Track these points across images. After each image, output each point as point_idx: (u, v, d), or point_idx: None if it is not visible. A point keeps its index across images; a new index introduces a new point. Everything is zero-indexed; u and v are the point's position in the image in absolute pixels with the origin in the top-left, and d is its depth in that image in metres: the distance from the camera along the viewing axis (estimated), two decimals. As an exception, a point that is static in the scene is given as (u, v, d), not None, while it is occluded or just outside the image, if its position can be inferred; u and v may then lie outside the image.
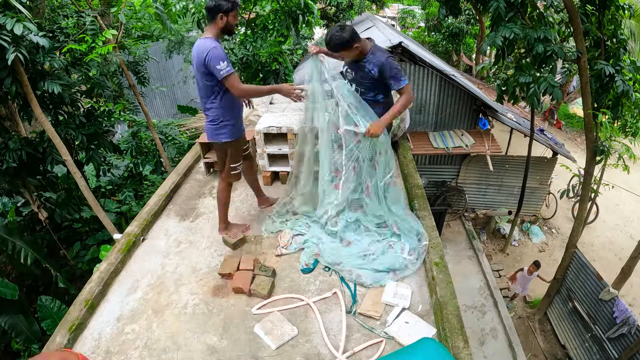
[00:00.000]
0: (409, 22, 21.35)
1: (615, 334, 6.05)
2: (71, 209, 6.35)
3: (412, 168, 4.54)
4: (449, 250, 9.01)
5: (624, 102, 5.67)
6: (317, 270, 3.29)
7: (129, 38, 7.47)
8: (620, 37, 5.58)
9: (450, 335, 2.53)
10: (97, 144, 6.00)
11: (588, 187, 6.57)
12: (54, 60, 5.01)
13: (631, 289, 8.18)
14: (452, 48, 16.59)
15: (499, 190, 9.94)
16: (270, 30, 7.22)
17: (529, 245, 9.93)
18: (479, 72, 12.25)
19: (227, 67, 2.88)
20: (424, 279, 3.14)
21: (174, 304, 3.02)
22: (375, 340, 2.65)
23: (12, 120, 6.21)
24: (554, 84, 4.95)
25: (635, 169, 7.32)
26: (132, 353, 2.65)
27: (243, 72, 7.50)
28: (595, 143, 6.00)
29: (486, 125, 9.24)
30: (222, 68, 2.85)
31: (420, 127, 9.39)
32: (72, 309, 2.91)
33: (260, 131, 4.27)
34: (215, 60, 2.84)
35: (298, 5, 6.59)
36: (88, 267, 6.38)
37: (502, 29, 4.73)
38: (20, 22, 4.03)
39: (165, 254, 3.53)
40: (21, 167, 5.43)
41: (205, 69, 2.92)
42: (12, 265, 6.21)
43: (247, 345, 2.68)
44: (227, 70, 2.88)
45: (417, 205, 3.82)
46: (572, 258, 7.04)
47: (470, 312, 7.58)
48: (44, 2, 6.38)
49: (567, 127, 15.45)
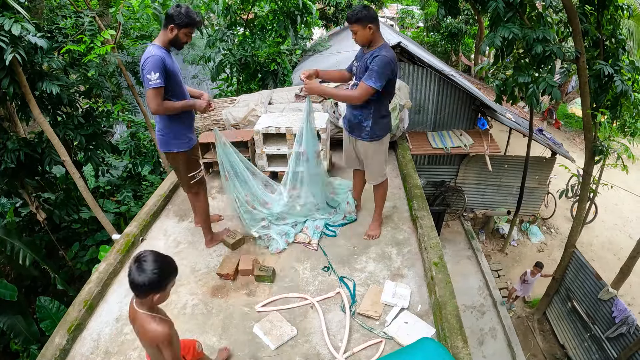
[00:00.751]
0: (408, 22, 21.33)
1: (614, 334, 6.05)
2: (70, 209, 6.35)
3: (411, 168, 4.55)
4: (448, 250, 9.01)
5: (623, 102, 5.67)
6: (316, 270, 3.29)
7: (127, 38, 7.46)
8: (619, 37, 5.58)
9: (450, 335, 2.53)
10: (95, 145, 5.99)
11: (587, 187, 6.57)
12: (52, 60, 5.01)
13: (630, 288, 8.19)
14: (450, 48, 16.59)
15: (498, 190, 9.95)
16: (268, 30, 7.22)
17: (527, 245, 9.94)
18: (477, 72, 12.26)
19: (157, 80, 2.73)
20: (423, 279, 3.14)
21: (173, 304, 3.02)
22: (374, 340, 2.65)
23: (11, 121, 6.20)
24: (552, 84, 4.95)
25: (634, 168, 7.33)
26: (131, 354, 2.65)
27: (242, 72, 7.49)
28: (594, 143, 6.01)
29: (485, 125, 9.24)
30: (151, 78, 2.72)
31: (419, 127, 9.40)
32: (71, 309, 2.91)
33: (259, 131, 4.27)
34: (148, 68, 2.72)
35: (297, 6, 6.59)
36: (87, 267, 6.37)
37: (501, 29, 4.73)
38: (18, 23, 4.02)
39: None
40: (20, 167, 5.43)
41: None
42: (11, 266, 6.21)
43: (247, 345, 2.67)
44: (157, 83, 2.73)
45: (415, 205, 3.82)
46: (571, 258, 7.04)
47: (470, 312, 7.58)
48: (42, 3, 6.37)
49: (566, 127, 15.47)
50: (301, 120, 3.53)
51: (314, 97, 5.11)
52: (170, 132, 3.06)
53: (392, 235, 3.66)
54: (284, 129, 4.23)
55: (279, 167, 4.48)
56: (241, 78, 7.72)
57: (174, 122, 3.04)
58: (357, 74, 3.21)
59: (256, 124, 4.39)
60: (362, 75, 3.08)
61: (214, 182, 4.62)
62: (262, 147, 4.34)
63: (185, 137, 3.13)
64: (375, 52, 3.02)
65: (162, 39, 2.88)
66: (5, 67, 4.36)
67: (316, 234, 3.66)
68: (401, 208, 4.03)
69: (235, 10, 6.72)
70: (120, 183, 7.68)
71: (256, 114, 4.99)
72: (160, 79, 2.76)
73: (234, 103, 5.39)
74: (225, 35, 7.04)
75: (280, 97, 5.28)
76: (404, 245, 3.53)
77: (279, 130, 4.25)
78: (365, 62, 3.06)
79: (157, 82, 2.75)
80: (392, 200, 4.14)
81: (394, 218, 3.89)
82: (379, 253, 3.45)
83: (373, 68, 2.96)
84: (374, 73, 2.96)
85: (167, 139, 3.08)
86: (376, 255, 3.42)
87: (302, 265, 3.36)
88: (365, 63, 3.05)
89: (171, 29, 2.83)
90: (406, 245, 3.53)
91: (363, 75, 3.06)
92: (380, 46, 3.06)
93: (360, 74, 3.13)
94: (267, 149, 4.36)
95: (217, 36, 7.00)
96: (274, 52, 7.15)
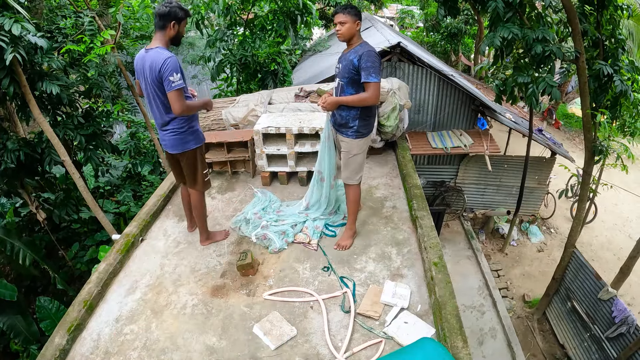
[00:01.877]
0: (408, 22, 21.32)
1: (614, 334, 6.05)
2: (70, 209, 6.35)
3: (411, 168, 4.55)
4: (447, 250, 9.01)
5: (623, 102, 5.67)
6: (316, 270, 3.30)
7: (127, 38, 7.46)
8: (618, 37, 5.58)
9: (449, 335, 2.53)
10: (95, 145, 5.99)
11: (586, 187, 6.57)
12: (52, 60, 5.01)
13: (630, 288, 8.19)
14: (450, 48, 16.58)
15: (498, 190, 9.95)
16: (268, 30, 7.22)
17: (527, 245, 9.94)
18: (477, 72, 12.27)
19: (180, 81, 2.79)
20: (423, 279, 3.14)
21: (173, 304, 3.02)
22: (374, 340, 2.65)
23: (11, 121, 6.21)
24: (552, 84, 4.95)
25: (633, 168, 7.34)
26: (131, 354, 2.65)
27: (242, 72, 7.49)
28: (593, 143, 6.01)
29: (485, 125, 9.24)
30: (174, 80, 2.76)
31: (419, 127, 9.40)
32: (70, 309, 2.90)
33: (259, 131, 4.27)
34: (170, 70, 2.74)
35: (296, 6, 6.58)
36: (87, 267, 6.37)
37: (501, 29, 4.73)
38: (18, 23, 4.02)
39: (164, 255, 3.53)
40: (19, 167, 5.43)
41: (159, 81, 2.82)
42: (11, 266, 6.21)
43: (246, 345, 2.68)
44: (180, 84, 2.79)
45: (415, 205, 3.82)
46: (571, 258, 7.05)
47: (469, 312, 7.58)
48: (42, 2, 6.37)
49: (566, 127, 15.48)
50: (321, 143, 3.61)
51: (314, 98, 5.12)
52: (188, 128, 3.10)
53: (392, 235, 3.66)
54: (284, 129, 4.24)
55: (278, 167, 4.49)
56: (241, 78, 7.72)
57: (190, 118, 3.10)
58: (340, 74, 3.22)
59: (256, 124, 4.39)
60: (346, 74, 3.11)
61: (214, 182, 4.62)
62: (261, 147, 4.34)
63: (199, 131, 3.22)
64: (359, 49, 3.06)
65: (163, 40, 2.89)
66: (5, 66, 4.36)
67: (316, 234, 3.66)
68: (401, 208, 4.04)
69: (235, 10, 6.72)
70: (120, 183, 7.68)
71: (256, 114, 4.99)
72: (181, 79, 2.81)
73: (233, 103, 5.40)
74: (225, 35, 7.03)
75: (280, 97, 5.28)
76: (404, 245, 3.53)
77: (278, 130, 4.26)
78: (350, 61, 3.06)
79: (180, 82, 2.79)
80: (392, 200, 4.14)
81: (393, 218, 3.89)
82: (378, 253, 3.45)
83: (367, 65, 2.98)
84: (370, 69, 2.98)
85: (184, 136, 3.09)
86: (376, 255, 3.43)
87: (302, 265, 3.36)
88: (351, 62, 3.06)
89: (173, 25, 2.86)
90: (406, 245, 3.53)
91: (347, 74, 3.10)
92: (361, 43, 3.12)
93: (345, 74, 3.13)
94: (266, 149, 4.37)
95: (217, 36, 6.99)
96: (274, 52, 7.15)
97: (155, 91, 2.89)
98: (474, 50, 16.32)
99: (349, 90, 3.19)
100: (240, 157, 4.60)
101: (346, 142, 3.35)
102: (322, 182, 3.77)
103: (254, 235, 3.65)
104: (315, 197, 3.90)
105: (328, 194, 3.83)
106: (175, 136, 3.08)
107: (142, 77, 2.92)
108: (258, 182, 4.59)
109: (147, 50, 2.87)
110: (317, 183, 3.79)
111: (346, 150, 3.39)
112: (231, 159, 4.62)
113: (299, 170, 4.47)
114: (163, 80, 2.78)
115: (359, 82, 3.09)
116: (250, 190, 4.40)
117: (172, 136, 3.09)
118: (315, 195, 3.89)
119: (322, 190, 3.82)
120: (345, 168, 3.43)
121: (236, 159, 4.62)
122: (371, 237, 3.66)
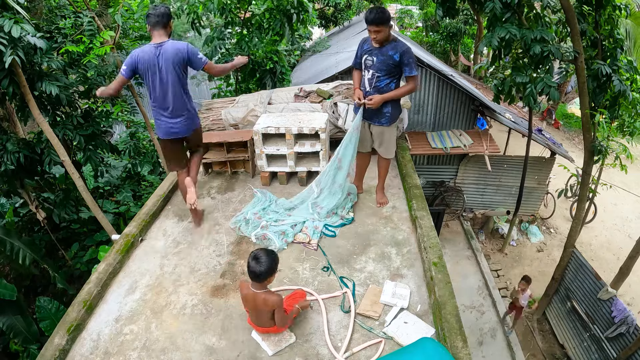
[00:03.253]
0: (407, 22, 21.34)
1: (613, 334, 6.06)
2: (69, 209, 6.35)
3: (411, 168, 4.55)
4: (447, 250, 9.02)
5: (621, 102, 5.68)
6: (315, 270, 3.30)
7: (126, 38, 7.45)
8: (616, 36, 5.59)
9: (449, 335, 2.54)
10: (95, 145, 5.99)
11: (586, 187, 6.58)
12: (51, 61, 5.01)
13: (629, 288, 8.19)
14: (449, 48, 16.60)
15: (497, 190, 9.96)
16: (265, 29, 7.22)
17: (527, 245, 9.94)
18: (476, 72, 12.27)
19: (204, 57, 3.36)
20: (423, 279, 3.15)
21: (173, 304, 3.02)
22: (374, 340, 2.65)
23: (10, 121, 6.21)
24: (550, 84, 4.96)
25: (633, 168, 7.35)
26: (130, 354, 2.65)
27: (240, 71, 7.49)
28: (593, 143, 6.01)
29: (484, 126, 9.25)
30: (202, 57, 3.31)
31: (419, 127, 9.41)
32: (70, 309, 2.91)
33: (258, 131, 4.27)
34: (195, 52, 3.26)
35: (292, 4, 6.57)
36: (86, 267, 6.37)
37: (499, 29, 4.73)
38: (17, 24, 4.02)
39: (164, 255, 3.53)
40: (19, 168, 5.42)
41: (184, 65, 3.26)
42: (11, 266, 6.21)
43: (246, 345, 2.68)
44: (206, 58, 3.36)
45: (415, 205, 3.82)
46: (571, 258, 7.05)
47: (469, 312, 7.59)
48: (41, 3, 6.36)
49: (565, 127, 15.48)
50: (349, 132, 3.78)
51: (314, 98, 5.12)
52: (193, 109, 3.54)
53: (392, 235, 3.67)
54: (284, 129, 4.24)
55: (278, 167, 4.49)
56: (240, 77, 7.72)
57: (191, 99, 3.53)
58: (375, 66, 3.51)
59: (255, 124, 4.39)
60: (384, 67, 3.46)
61: (214, 182, 4.63)
62: (261, 147, 4.34)
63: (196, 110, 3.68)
64: (396, 45, 3.42)
65: (166, 35, 3.26)
66: (5, 67, 4.35)
67: (316, 234, 3.66)
68: (400, 208, 4.04)
69: (232, 9, 6.72)
70: (119, 183, 7.68)
71: (255, 114, 4.99)
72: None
73: (233, 103, 5.40)
74: (222, 34, 7.04)
75: (279, 97, 5.29)
76: (404, 245, 3.53)
77: (278, 130, 4.25)
78: (390, 56, 3.43)
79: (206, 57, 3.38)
80: (391, 200, 4.14)
81: (393, 218, 3.89)
82: (378, 253, 3.45)
83: (409, 61, 3.43)
84: (412, 64, 3.45)
85: (193, 114, 3.55)
86: (375, 255, 3.43)
87: (301, 265, 3.36)
88: (391, 57, 3.43)
89: (170, 22, 3.30)
90: (406, 245, 3.53)
91: (386, 67, 3.45)
92: (395, 40, 3.46)
93: (384, 67, 3.47)
94: (266, 149, 4.37)
95: (214, 35, 7.00)
96: (271, 51, 7.15)
97: (177, 76, 3.25)
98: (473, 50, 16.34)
99: (384, 81, 3.54)
100: (239, 157, 4.60)
101: (381, 129, 3.76)
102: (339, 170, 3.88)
103: (253, 235, 3.65)
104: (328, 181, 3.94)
105: (343, 183, 3.88)
106: (186, 118, 3.48)
107: (156, 69, 3.21)
108: (258, 182, 4.58)
109: (157, 45, 3.19)
110: (334, 169, 3.89)
111: (381, 136, 3.80)
112: (231, 159, 4.62)
113: (298, 170, 4.47)
114: (193, 60, 3.25)
115: (394, 74, 3.53)
116: (249, 190, 4.40)
117: (186, 120, 3.48)
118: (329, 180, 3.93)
119: (338, 177, 3.90)
120: (382, 146, 3.86)
121: (236, 159, 4.62)
122: (371, 237, 3.66)
